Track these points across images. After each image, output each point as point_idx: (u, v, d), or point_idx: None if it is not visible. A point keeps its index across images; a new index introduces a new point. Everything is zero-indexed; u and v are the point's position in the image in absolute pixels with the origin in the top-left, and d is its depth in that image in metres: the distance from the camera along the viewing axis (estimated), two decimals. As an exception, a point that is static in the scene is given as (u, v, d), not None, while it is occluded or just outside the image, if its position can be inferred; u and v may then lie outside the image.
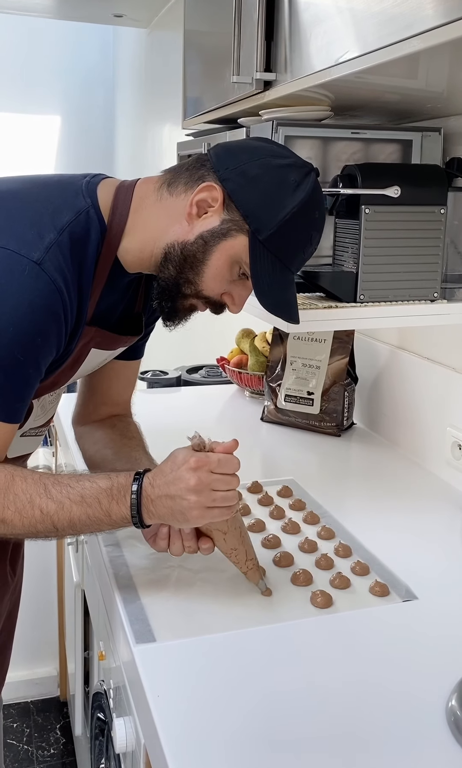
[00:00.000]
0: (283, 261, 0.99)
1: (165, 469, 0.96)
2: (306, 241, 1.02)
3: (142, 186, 1.04)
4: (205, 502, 0.94)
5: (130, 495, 0.95)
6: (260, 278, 0.99)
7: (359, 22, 0.94)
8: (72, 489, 0.95)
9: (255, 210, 0.97)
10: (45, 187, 1.02)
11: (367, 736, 0.77)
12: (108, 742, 1.18)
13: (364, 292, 1.19)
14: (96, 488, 0.96)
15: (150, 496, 0.96)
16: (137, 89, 3.98)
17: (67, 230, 0.96)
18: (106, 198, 1.01)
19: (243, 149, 1.01)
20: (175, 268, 1.00)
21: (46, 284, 0.92)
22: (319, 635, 0.94)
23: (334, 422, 1.66)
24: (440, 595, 1.04)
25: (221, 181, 0.98)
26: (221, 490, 0.95)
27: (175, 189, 1.01)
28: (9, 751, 2.15)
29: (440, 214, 1.20)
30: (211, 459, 0.95)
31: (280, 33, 1.16)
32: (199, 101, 1.58)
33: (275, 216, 0.96)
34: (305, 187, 0.98)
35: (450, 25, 0.76)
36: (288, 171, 0.98)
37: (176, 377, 2.25)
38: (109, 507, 0.95)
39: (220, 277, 1.01)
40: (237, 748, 0.75)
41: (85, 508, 0.95)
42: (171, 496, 0.95)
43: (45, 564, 2.25)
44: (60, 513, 0.94)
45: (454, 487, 1.40)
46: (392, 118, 1.39)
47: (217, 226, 0.98)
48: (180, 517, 0.95)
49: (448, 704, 0.80)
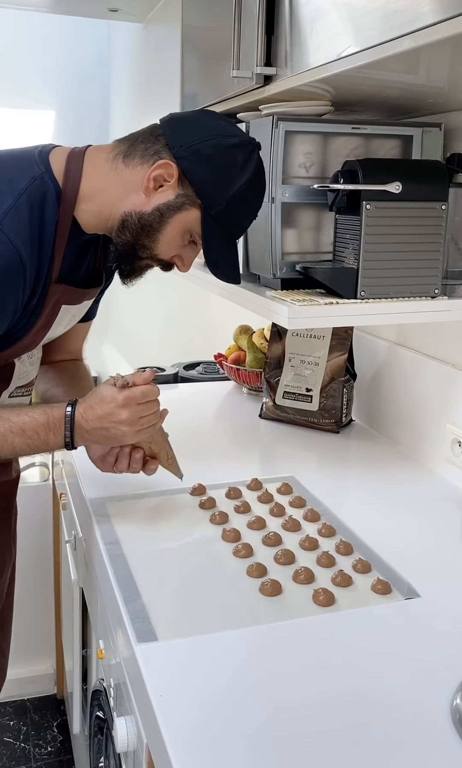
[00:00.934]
0: (229, 231, 1.12)
1: (94, 406, 1.12)
2: (252, 215, 1.15)
3: (93, 153, 1.14)
4: (135, 428, 1.13)
5: (64, 428, 1.12)
6: (211, 248, 1.12)
7: (360, 17, 0.94)
8: (13, 423, 1.10)
9: (207, 187, 1.09)
10: (0, 160, 1.12)
11: (370, 734, 0.77)
12: (107, 740, 1.18)
13: (364, 289, 1.19)
14: (34, 422, 1.11)
15: (84, 427, 1.12)
16: (132, 84, 3.96)
17: (25, 195, 1.06)
18: (58, 164, 1.11)
19: (195, 126, 1.11)
20: (131, 234, 1.12)
21: (3, 245, 1.03)
22: (321, 633, 0.94)
23: (333, 419, 1.65)
24: (442, 592, 1.04)
25: (176, 158, 1.08)
26: (147, 414, 1.13)
27: (130, 161, 1.11)
28: (6, 749, 2.14)
29: (441, 210, 1.19)
30: (136, 393, 1.12)
31: (281, 27, 1.16)
32: (197, 96, 1.57)
33: (225, 193, 1.08)
34: (250, 166, 1.09)
35: (450, 21, 0.76)
36: (236, 151, 1.09)
37: (173, 374, 2.24)
38: (46, 437, 1.12)
39: (173, 243, 1.13)
40: (241, 747, 0.75)
41: (25, 439, 1.11)
42: (105, 428, 1.12)
43: (42, 562, 2.25)
44: (3, 443, 1.10)
45: (453, 484, 1.40)
46: (393, 113, 1.39)
47: (172, 200, 1.10)
48: (115, 441, 1.15)
49: (453, 702, 0.80)
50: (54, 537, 2.16)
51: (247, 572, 1.07)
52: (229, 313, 2.50)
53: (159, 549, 1.14)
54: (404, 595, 1.03)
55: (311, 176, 1.25)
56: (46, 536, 2.21)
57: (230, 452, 1.58)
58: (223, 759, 0.73)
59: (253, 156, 1.10)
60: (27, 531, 2.23)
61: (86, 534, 1.33)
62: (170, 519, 1.24)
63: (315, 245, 1.29)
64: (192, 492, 1.33)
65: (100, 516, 1.24)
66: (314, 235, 1.29)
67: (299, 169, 1.24)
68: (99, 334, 1.47)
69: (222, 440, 1.66)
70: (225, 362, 1.99)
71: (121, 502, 1.30)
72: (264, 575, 1.06)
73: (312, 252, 1.29)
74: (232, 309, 2.41)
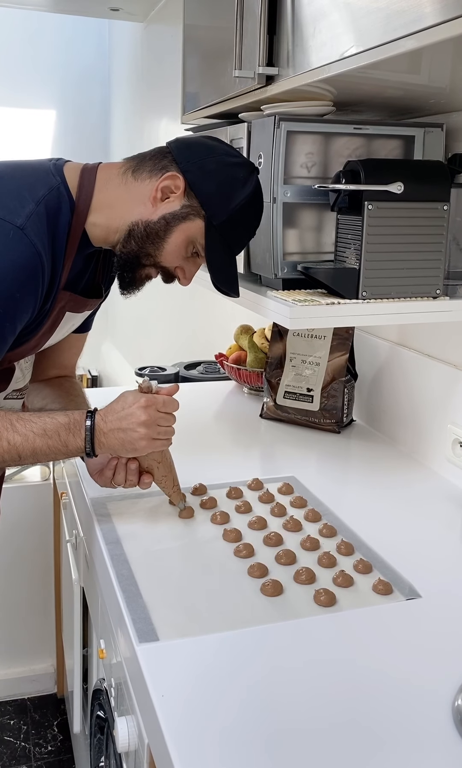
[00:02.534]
0: (230, 243, 1.16)
1: (115, 407, 1.14)
2: (251, 230, 1.19)
3: (104, 169, 1.18)
4: (151, 434, 1.13)
5: (84, 429, 1.11)
6: (214, 258, 1.16)
7: (362, 17, 0.93)
8: (35, 424, 1.10)
9: (210, 199, 1.13)
10: (18, 168, 1.15)
11: (371, 734, 0.77)
12: (108, 739, 1.18)
13: (366, 289, 1.19)
14: (56, 423, 1.11)
15: (102, 429, 1.12)
16: (133, 84, 3.96)
17: (44, 202, 1.10)
18: (72, 178, 1.16)
19: (200, 146, 1.17)
20: (137, 243, 1.15)
21: (27, 247, 1.06)
22: (322, 633, 0.94)
23: (334, 419, 1.65)
24: (443, 593, 1.04)
25: (183, 172, 1.14)
26: (164, 425, 1.15)
27: (139, 175, 1.16)
28: (6, 748, 2.15)
29: (443, 210, 1.19)
30: (158, 399, 1.15)
31: (283, 27, 1.16)
32: (198, 96, 1.57)
33: (226, 206, 1.13)
34: (250, 183, 1.15)
35: (453, 22, 0.76)
36: (237, 169, 1.15)
37: (174, 373, 2.24)
38: (66, 439, 1.11)
39: (177, 253, 1.16)
40: (242, 747, 0.75)
41: (46, 440, 1.10)
42: (123, 429, 1.12)
43: (43, 561, 2.25)
44: (25, 444, 1.09)
45: (454, 484, 1.40)
46: (394, 113, 1.39)
47: (178, 210, 1.14)
48: (129, 446, 1.14)
49: (455, 703, 0.80)
50: (54, 536, 2.16)
51: (248, 572, 1.07)
52: (230, 313, 2.50)
53: (160, 548, 1.14)
54: (405, 595, 1.03)
55: (313, 176, 1.25)
56: (46, 536, 2.22)
57: (231, 452, 1.58)
58: (225, 758, 0.73)
59: (252, 176, 1.15)
60: (27, 530, 2.24)
61: (87, 533, 1.33)
62: (171, 519, 1.24)
63: (316, 245, 1.29)
64: (193, 492, 1.33)
65: (102, 515, 1.24)
66: (316, 235, 1.29)
67: (301, 169, 1.24)
68: (99, 334, 1.47)
69: (223, 440, 1.66)
70: (226, 362, 1.99)
71: (122, 501, 1.30)
72: (265, 575, 1.06)
73: (313, 252, 1.29)
74: (233, 309, 2.42)
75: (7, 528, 2.12)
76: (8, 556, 2.24)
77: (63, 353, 1.45)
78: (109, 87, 4.62)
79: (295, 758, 0.74)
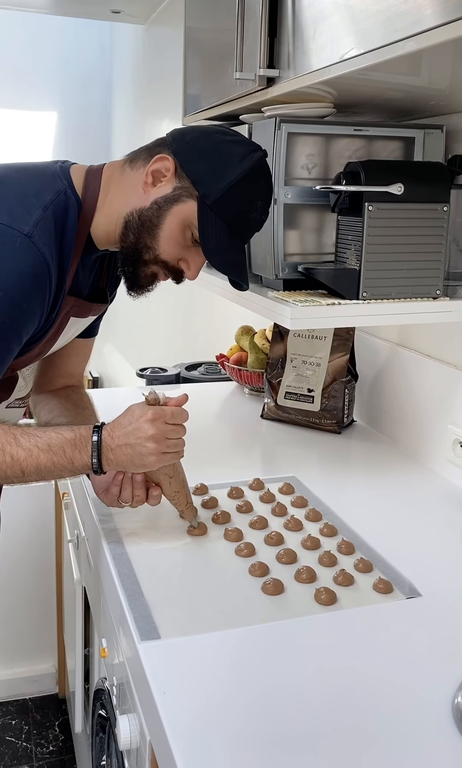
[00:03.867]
0: (229, 225, 1.10)
1: (123, 422, 1.08)
2: (252, 208, 1.11)
3: (109, 168, 1.16)
4: (161, 448, 1.07)
5: (91, 444, 1.06)
6: (208, 239, 1.10)
7: (363, 19, 0.94)
8: (39, 438, 1.05)
9: (203, 177, 1.08)
10: (24, 172, 1.13)
11: (372, 733, 0.77)
12: (109, 738, 1.18)
13: (366, 290, 1.19)
14: (61, 438, 1.06)
15: (109, 445, 1.06)
16: (134, 86, 3.97)
17: (51, 208, 1.07)
18: (78, 180, 1.13)
19: (196, 129, 1.13)
20: (134, 234, 1.12)
21: (35, 255, 1.03)
22: (323, 632, 0.95)
23: (335, 419, 1.66)
24: (444, 592, 1.04)
25: (174, 154, 1.10)
26: (173, 438, 1.09)
27: (135, 164, 1.13)
28: (7, 748, 2.15)
29: (443, 211, 1.20)
30: (166, 411, 1.08)
31: (284, 29, 1.16)
32: (200, 97, 1.58)
33: (221, 182, 1.08)
34: (251, 160, 1.09)
35: (453, 24, 0.77)
36: (235, 146, 1.10)
37: (175, 374, 2.25)
38: (72, 455, 1.05)
39: (174, 240, 1.12)
40: (244, 744, 0.75)
41: (50, 456, 1.05)
42: (131, 444, 1.06)
43: (44, 561, 2.26)
44: (28, 459, 1.04)
45: (455, 484, 1.41)
46: (395, 115, 1.39)
47: (169, 193, 1.10)
48: (138, 461, 1.07)
49: (455, 701, 0.81)
50: (56, 536, 2.16)
51: (250, 571, 1.07)
52: (231, 314, 2.50)
53: (162, 548, 1.15)
54: (406, 594, 1.03)
55: (313, 178, 1.26)
56: (48, 536, 2.22)
57: (232, 452, 1.59)
58: (226, 756, 0.74)
59: (254, 154, 1.10)
60: (29, 530, 2.24)
61: (89, 533, 1.34)
62: (173, 518, 1.24)
63: (317, 246, 1.30)
64: (194, 492, 1.33)
65: (103, 515, 1.25)
66: (316, 236, 1.29)
67: (302, 170, 1.25)
68: (100, 335, 1.46)
69: (224, 440, 1.66)
70: (227, 363, 2.00)
71: (123, 501, 1.30)
72: (266, 574, 1.07)
73: (314, 253, 1.29)
74: (234, 310, 2.42)
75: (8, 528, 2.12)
76: (10, 556, 2.24)
77: (69, 360, 1.41)
78: (111, 89, 4.63)
79: (296, 754, 0.74)
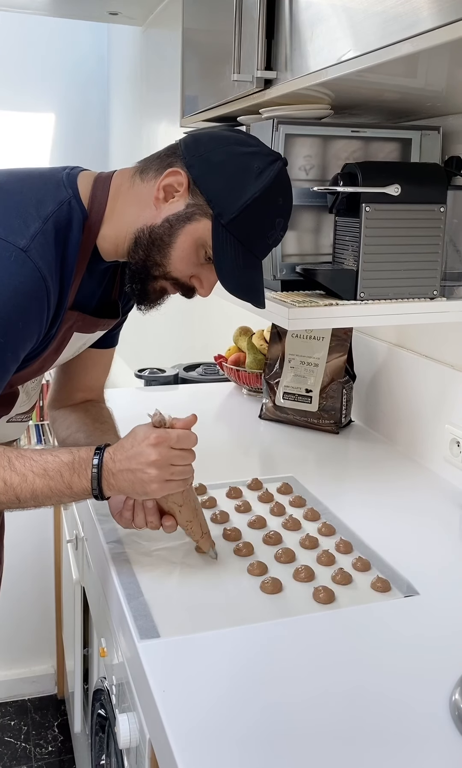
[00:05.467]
0: (245, 245, 1.03)
1: (125, 445, 1.00)
2: (269, 227, 1.04)
3: (118, 176, 1.09)
4: (164, 475, 0.99)
5: (91, 468, 0.99)
6: (222, 261, 1.03)
7: (360, 21, 0.95)
8: (35, 462, 0.99)
9: (218, 195, 1.01)
10: (27, 180, 1.05)
11: (370, 730, 0.78)
12: (109, 738, 1.19)
13: (364, 290, 1.20)
14: (58, 462, 0.99)
15: (111, 469, 1.00)
16: (132, 87, 3.97)
17: (52, 219, 1.00)
18: (85, 188, 1.06)
19: (211, 137, 1.05)
20: (143, 251, 1.05)
21: (31, 271, 0.97)
22: (321, 630, 0.95)
23: (333, 419, 1.66)
24: (441, 590, 1.05)
25: (187, 167, 1.02)
26: (179, 464, 1.00)
27: (146, 176, 1.06)
28: (6, 749, 2.15)
29: (440, 212, 1.21)
30: (171, 435, 1.00)
31: (281, 31, 1.17)
32: (197, 99, 1.58)
33: (237, 201, 1.00)
34: (269, 174, 1.01)
35: (450, 26, 0.77)
36: (252, 158, 1.02)
37: (173, 375, 2.25)
38: (70, 480, 0.99)
39: (187, 259, 1.05)
40: (243, 741, 0.76)
41: (47, 481, 0.99)
42: (132, 470, 0.99)
43: (43, 562, 2.26)
44: (23, 485, 0.98)
45: (452, 483, 1.41)
46: (392, 116, 1.40)
47: (181, 210, 1.03)
48: (140, 489, 1.00)
49: (452, 698, 0.81)
50: (55, 537, 2.16)
51: (248, 570, 1.08)
52: (229, 315, 2.51)
53: (161, 547, 1.15)
54: (403, 592, 1.04)
55: (311, 179, 1.27)
56: (46, 536, 2.22)
57: (231, 453, 1.59)
58: (225, 753, 0.74)
59: (272, 166, 1.02)
60: (28, 531, 2.24)
61: (88, 533, 1.34)
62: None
63: (315, 247, 1.30)
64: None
65: (103, 515, 1.25)
66: (314, 237, 1.30)
67: (299, 171, 1.26)
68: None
69: (222, 441, 1.67)
70: (225, 363, 2.01)
71: (122, 501, 1.30)
72: (265, 573, 1.07)
73: (312, 254, 1.30)
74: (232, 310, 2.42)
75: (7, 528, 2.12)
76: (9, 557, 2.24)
77: (87, 373, 1.33)
78: (109, 90, 4.63)
79: (294, 752, 0.75)
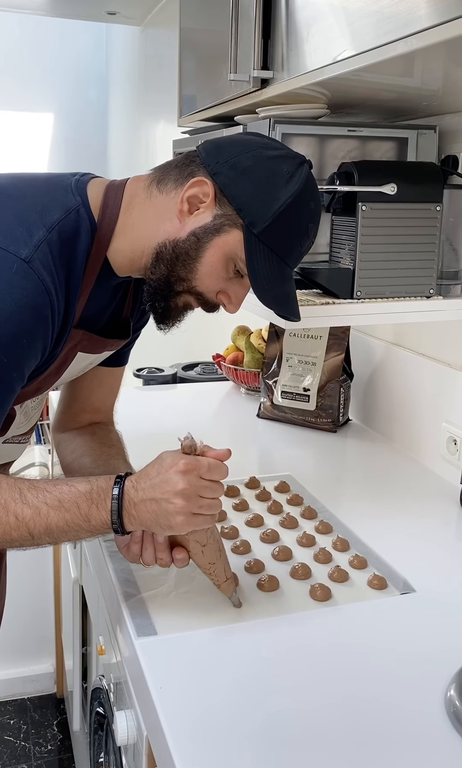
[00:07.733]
0: (279, 255, 0.96)
1: (150, 472, 0.90)
2: (302, 234, 0.99)
3: (132, 185, 1.01)
4: (191, 507, 0.88)
5: (111, 499, 0.89)
6: (257, 273, 0.96)
7: (356, 21, 0.95)
8: (49, 494, 0.89)
9: (248, 203, 0.94)
10: (33, 185, 0.99)
11: (366, 725, 0.78)
12: (107, 736, 1.19)
13: (360, 289, 1.20)
14: (75, 492, 0.89)
15: (133, 499, 0.89)
16: (130, 87, 3.98)
17: (57, 228, 0.93)
18: (95, 197, 0.99)
19: (233, 143, 0.99)
20: (166, 266, 0.97)
21: (34, 283, 0.89)
22: (318, 627, 0.96)
23: (330, 418, 1.67)
24: (437, 587, 1.05)
25: (212, 175, 0.95)
26: (208, 497, 0.90)
27: (164, 186, 0.99)
28: (6, 748, 2.16)
29: (436, 211, 1.21)
30: (202, 463, 0.90)
31: (278, 31, 1.17)
32: (195, 99, 1.59)
33: (269, 208, 0.93)
34: (299, 178, 0.95)
35: (445, 25, 0.78)
36: (280, 162, 0.95)
37: (172, 374, 2.26)
38: (88, 512, 0.89)
39: (215, 274, 0.98)
40: (240, 738, 0.76)
41: (62, 513, 0.88)
42: (156, 500, 0.88)
43: (41, 561, 2.26)
44: (36, 519, 0.88)
45: (448, 481, 1.42)
46: (388, 115, 1.40)
47: (209, 222, 0.95)
48: (164, 522, 0.89)
49: (447, 694, 0.82)
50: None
51: (246, 568, 1.08)
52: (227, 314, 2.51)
53: (158, 546, 1.15)
54: (400, 590, 1.04)
55: (308, 178, 1.27)
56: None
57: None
58: (222, 749, 0.75)
59: (301, 169, 0.96)
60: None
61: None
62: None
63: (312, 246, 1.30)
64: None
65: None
66: (311, 236, 1.30)
67: (296, 170, 1.26)
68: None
69: (220, 439, 1.65)
70: (223, 362, 2.01)
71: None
72: (262, 571, 1.07)
73: (309, 253, 1.30)
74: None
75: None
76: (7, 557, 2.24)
77: (93, 393, 1.25)
78: (107, 90, 4.64)
79: (292, 749, 0.75)
